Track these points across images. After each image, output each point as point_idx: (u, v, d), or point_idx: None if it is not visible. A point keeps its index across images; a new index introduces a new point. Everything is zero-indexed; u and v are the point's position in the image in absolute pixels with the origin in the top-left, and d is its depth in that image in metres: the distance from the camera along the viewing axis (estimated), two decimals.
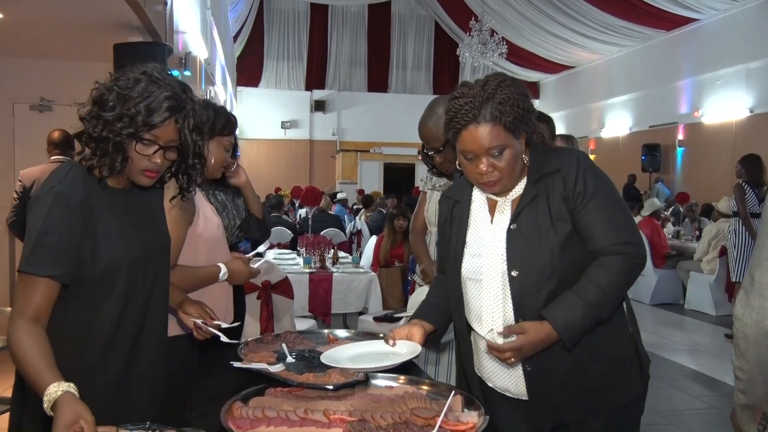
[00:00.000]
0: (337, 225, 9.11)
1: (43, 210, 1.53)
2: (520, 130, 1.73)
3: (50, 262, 1.53)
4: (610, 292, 1.71)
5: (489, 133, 1.69)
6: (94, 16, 4.84)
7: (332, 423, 1.63)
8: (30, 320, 1.52)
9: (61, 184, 1.57)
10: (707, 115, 12.18)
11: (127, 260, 1.65)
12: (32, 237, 1.53)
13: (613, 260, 1.71)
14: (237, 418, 1.66)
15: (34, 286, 1.53)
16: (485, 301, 1.81)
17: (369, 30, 19.94)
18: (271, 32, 19.39)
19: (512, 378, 1.83)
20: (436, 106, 2.55)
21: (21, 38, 5.69)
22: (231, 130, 2.44)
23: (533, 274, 1.73)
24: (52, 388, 1.41)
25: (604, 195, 1.75)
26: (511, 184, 1.80)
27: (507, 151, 1.72)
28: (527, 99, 1.75)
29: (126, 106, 1.57)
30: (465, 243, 1.87)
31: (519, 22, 15.37)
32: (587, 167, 1.77)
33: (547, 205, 1.75)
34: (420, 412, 1.67)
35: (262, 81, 19.44)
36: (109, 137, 1.57)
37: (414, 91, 19.71)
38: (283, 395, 1.84)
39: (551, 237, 1.73)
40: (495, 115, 1.68)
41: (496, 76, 1.75)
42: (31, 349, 1.49)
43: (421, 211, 3.20)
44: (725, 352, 6.36)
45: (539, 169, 1.78)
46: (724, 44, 11.65)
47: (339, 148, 19.27)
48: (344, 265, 6.12)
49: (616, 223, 1.74)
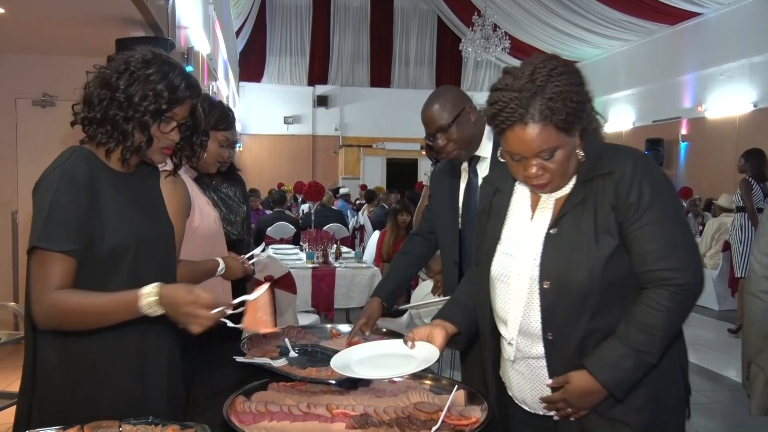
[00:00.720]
0: (340, 220, 9.11)
1: (51, 188, 1.53)
2: (575, 126, 1.51)
3: (64, 237, 1.51)
4: (661, 334, 1.50)
5: (538, 135, 1.48)
6: (96, 11, 4.83)
7: (335, 417, 1.63)
8: (59, 290, 1.50)
9: (66, 164, 1.57)
10: (711, 109, 12.14)
11: (134, 242, 1.64)
12: (43, 214, 1.51)
13: (660, 296, 1.49)
14: (240, 413, 1.66)
15: (51, 262, 1.51)
16: (512, 305, 1.64)
17: (371, 25, 19.90)
18: (273, 27, 19.36)
19: (533, 393, 1.66)
20: (440, 90, 2.50)
21: (23, 33, 5.68)
22: (227, 125, 2.44)
23: (566, 291, 1.54)
24: (143, 294, 1.47)
25: (662, 208, 1.51)
26: (564, 183, 1.60)
27: (559, 152, 1.51)
28: (582, 88, 1.53)
29: (149, 86, 1.59)
30: (499, 239, 1.70)
31: (522, 17, 15.32)
32: (646, 172, 1.52)
33: (593, 212, 1.54)
34: (423, 406, 1.67)
35: (265, 76, 19.41)
36: (134, 116, 1.59)
37: (416, 86, 19.67)
38: (285, 390, 1.84)
39: (592, 251, 1.52)
40: (545, 114, 1.46)
41: (545, 63, 1.51)
42: (85, 299, 1.50)
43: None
44: (728, 347, 6.35)
45: (590, 169, 1.56)
46: (728, 39, 11.60)
47: (342, 143, 19.25)
48: (347, 260, 6.12)
49: (670, 243, 1.50)
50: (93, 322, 1.52)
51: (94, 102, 1.61)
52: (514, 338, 1.63)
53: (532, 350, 1.62)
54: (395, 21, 20.09)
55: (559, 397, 1.55)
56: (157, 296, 1.48)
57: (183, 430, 1.44)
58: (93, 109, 1.61)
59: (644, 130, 14.01)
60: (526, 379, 1.66)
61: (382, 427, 1.56)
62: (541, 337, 1.58)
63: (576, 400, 1.54)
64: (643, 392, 1.56)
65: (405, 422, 1.58)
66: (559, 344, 1.56)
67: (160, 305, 1.48)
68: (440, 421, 1.52)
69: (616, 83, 14.99)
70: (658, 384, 1.58)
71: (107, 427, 1.44)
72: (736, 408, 4.52)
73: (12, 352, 4.76)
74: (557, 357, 1.57)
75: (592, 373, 1.50)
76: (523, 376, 1.67)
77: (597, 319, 1.53)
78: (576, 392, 1.53)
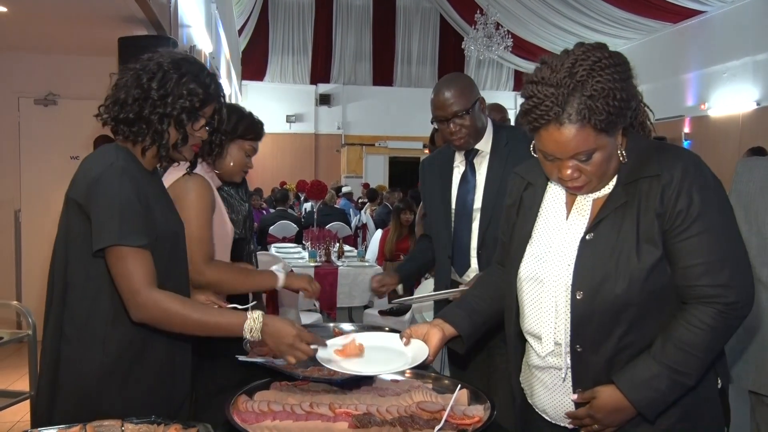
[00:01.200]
0: (343, 219, 9.10)
1: (115, 185, 1.56)
2: (617, 126, 1.39)
3: (141, 231, 1.57)
4: (701, 355, 1.39)
5: (575, 137, 1.36)
6: (98, 9, 4.83)
7: (338, 417, 1.63)
8: (155, 288, 1.56)
9: (118, 161, 1.60)
10: (714, 108, 12.10)
11: (168, 237, 1.70)
12: (115, 211, 1.53)
13: (703, 313, 1.38)
14: (242, 412, 1.65)
15: (133, 258, 1.55)
16: (542, 312, 1.54)
17: (374, 23, 19.86)
18: (275, 26, 19.34)
19: (555, 404, 1.58)
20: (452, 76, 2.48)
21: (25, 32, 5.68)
22: (255, 135, 2.44)
23: (601, 303, 1.42)
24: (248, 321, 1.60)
25: (712, 218, 1.38)
26: (602, 185, 1.48)
27: (597, 154, 1.39)
28: (629, 83, 1.40)
29: (184, 86, 1.65)
30: (530, 237, 1.59)
31: (524, 15, 15.28)
32: (696, 177, 1.40)
33: (636, 218, 1.42)
34: (426, 405, 1.67)
35: (267, 75, 19.40)
36: (171, 114, 1.65)
37: (419, 84, 19.63)
38: (288, 389, 1.84)
39: (633, 261, 1.40)
40: (583, 114, 1.34)
41: (588, 54, 1.37)
42: (194, 311, 1.57)
43: None
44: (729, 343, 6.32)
45: (634, 170, 1.44)
46: (731, 37, 11.56)
47: (344, 141, 19.23)
48: (349, 259, 6.12)
49: (719, 258, 1.38)
50: (191, 330, 1.60)
51: (128, 102, 1.64)
52: (548, 348, 1.53)
53: (557, 360, 1.53)
54: (398, 19, 20.06)
55: (585, 413, 1.48)
56: (261, 324, 1.62)
57: (185, 429, 1.44)
58: (125, 110, 1.64)
59: None
60: (548, 389, 1.58)
61: (385, 427, 1.56)
62: (569, 348, 1.49)
63: (603, 416, 1.45)
64: (675, 413, 1.46)
65: (408, 421, 1.57)
66: (588, 357, 1.47)
67: (261, 332, 1.62)
68: (443, 420, 1.51)
69: None
70: (693, 405, 1.48)
71: (110, 426, 1.44)
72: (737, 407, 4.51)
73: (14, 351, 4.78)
74: (584, 370, 1.49)
75: (623, 391, 1.42)
76: (545, 386, 1.59)
77: (631, 333, 1.44)
78: (603, 409, 1.44)
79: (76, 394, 1.62)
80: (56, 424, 1.48)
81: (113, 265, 1.56)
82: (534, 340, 1.59)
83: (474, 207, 2.44)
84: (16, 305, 3.21)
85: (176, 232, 1.76)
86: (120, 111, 1.65)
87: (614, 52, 1.41)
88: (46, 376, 1.66)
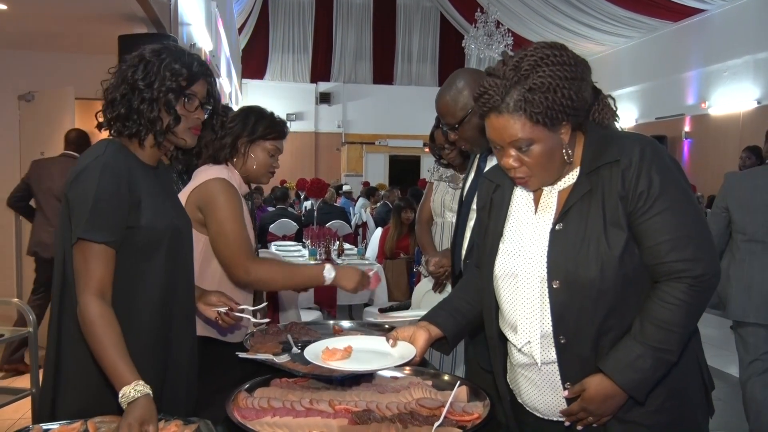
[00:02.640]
0: (343, 217, 9.10)
1: (93, 179, 1.56)
2: (559, 121, 1.43)
3: (108, 228, 1.55)
4: (680, 330, 1.42)
5: (510, 126, 1.43)
6: (98, 7, 4.84)
7: (337, 413, 1.63)
8: (98, 297, 1.53)
9: (104, 155, 1.61)
10: (714, 106, 12.12)
11: (168, 232, 1.70)
12: (87, 205, 1.54)
13: (676, 289, 1.41)
14: (242, 408, 1.66)
15: (94, 256, 1.54)
16: (520, 307, 1.55)
17: (374, 22, 19.88)
18: (276, 24, 19.35)
19: (545, 400, 1.58)
20: (457, 78, 2.39)
21: (25, 30, 5.69)
22: (277, 135, 2.39)
23: (578, 289, 1.45)
24: (132, 386, 1.44)
25: (673, 196, 1.42)
26: (548, 181, 1.53)
27: (535, 146, 1.44)
28: (576, 83, 1.43)
29: (165, 67, 1.66)
30: (502, 236, 1.62)
31: (524, 14, 15.30)
32: (654, 158, 1.43)
33: (601, 204, 1.45)
34: (425, 402, 1.67)
35: (267, 73, 19.41)
36: (158, 98, 1.65)
37: (419, 83, 19.66)
38: (288, 386, 1.85)
39: (602, 246, 1.43)
40: (519, 104, 1.41)
41: (536, 51, 1.44)
42: (105, 337, 1.50)
43: (427, 202, 3.19)
44: (731, 344, 6.32)
45: (596, 158, 1.47)
46: (732, 35, 11.58)
47: (344, 140, 19.25)
48: (349, 257, 6.12)
49: (683, 233, 1.41)
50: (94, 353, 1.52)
51: (117, 99, 1.66)
52: (528, 344, 1.55)
53: (543, 356, 1.53)
54: (398, 18, 20.07)
55: (578, 407, 1.48)
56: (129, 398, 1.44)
57: (186, 425, 1.44)
58: (116, 107, 1.66)
59: (647, 127, 13.99)
60: (536, 386, 1.58)
61: (385, 423, 1.56)
62: (553, 341, 1.50)
63: (596, 407, 1.46)
64: (662, 392, 1.49)
65: (407, 418, 1.58)
66: (572, 347, 1.48)
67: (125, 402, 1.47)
68: (442, 416, 1.52)
69: (620, 80, 14.96)
70: (677, 382, 1.51)
71: (110, 422, 1.44)
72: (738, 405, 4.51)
73: None
74: (571, 361, 1.50)
75: (609, 376, 1.43)
76: (534, 383, 1.59)
77: (612, 317, 1.46)
78: (595, 399, 1.45)
79: (78, 390, 1.63)
80: (59, 420, 1.49)
81: (74, 258, 1.56)
82: (511, 334, 1.60)
83: (473, 206, 2.43)
84: (17, 302, 3.22)
85: (178, 227, 1.75)
86: (112, 110, 1.66)
87: (570, 53, 1.46)
88: (48, 371, 1.67)
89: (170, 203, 1.78)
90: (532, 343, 1.54)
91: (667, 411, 1.50)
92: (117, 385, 1.45)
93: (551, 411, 1.58)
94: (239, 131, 2.30)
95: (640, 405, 1.48)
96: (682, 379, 1.52)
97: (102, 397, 1.60)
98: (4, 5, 4.89)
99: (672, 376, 1.49)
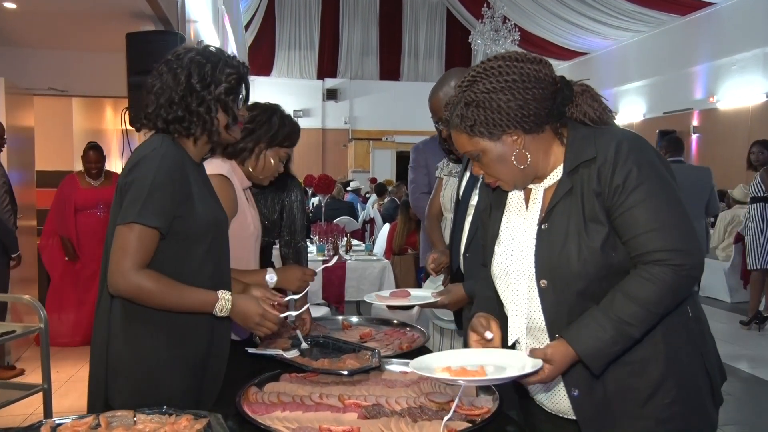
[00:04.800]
0: (350, 213, 9.11)
1: (152, 168, 1.65)
2: (501, 129, 1.46)
3: (160, 214, 1.64)
4: (650, 308, 1.41)
5: (458, 140, 1.54)
6: (106, 5, 4.85)
7: (347, 408, 1.64)
8: (142, 269, 1.63)
9: (162, 147, 1.70)
10: (723, 100, 12.04)
11: (213, 225, 1.79)
12: (144, 191, 1.62)
13: (658, 271, 1.40)
14: (252, 403, 1.67)
15: (145, 238, 1.63)
16: (511, 305, 1.58)
17: (380, 18, 19.84)
18: (282, 21, 19.34)
19: (549, 396, 1.59)
20: (450, 77, 2.44)
21: (33, 28, 5.71)
22: (291, 143, 2.43)
23: (564, 285, 1.47)
24: (220, 300, 1.70)
25: (651, 186, 1.42)
26: (519, 182, 1.56)
27: (483, 156, 1.51)
28: (519, 91, 1.44)
29: (221, 71, 1.77)
30: (497, 236, 1.64)
31: (531, 9, 15.22)
32: (630, 152, 1.43)
33: (580, 202, 1.47)
34: (435, 396, 1.68)
35: (274, 70, 19.41)
36: (219, 99, 1.76)
37: (426, 79, 19.59)
38: (298, 380, 1.86)
39: (583, 240, 1.45)
40: (458, 120, 1.50)
41: (478, 66, 1.51)
42: (169, 287, 1.65)
43: (437, 197, 3.19)
44: (740, 339, 6.33)
45: (576, 157, 1.49)
46: (741, 28, 11.49)
47: (351, 136, 19.24)
48: (357, 253, 6.13)
49: (665, 223, 1.41)
50: (168, 307, 1.66)
51: (175, 101, 1.73)
52: (520, 339, 1.57)
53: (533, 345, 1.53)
54: (404, 14, 20.02)
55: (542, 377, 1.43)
56: (230, 305, 1.72)
57: (196, 419, 1.45)
58: (174, 109, 1.73)
59: (655, 121, 13.92)
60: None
61: (394, 417, 1.57)
62: (548, 338, 1.51)
63: (554, 374, 1.44)
64: (673, 384, 1.49)
65: (417, 412, 1.58)
66: None
67: (231, 312, 1.72)
68: (452, 411, 1.52)
69: (627, 75, 14.88)
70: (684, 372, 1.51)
71: (122, 416, 1.46)
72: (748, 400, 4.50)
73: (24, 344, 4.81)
74: None
75: (572, 345, 1.41)
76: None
77: None
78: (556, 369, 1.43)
79: (130, 377, 1.70)
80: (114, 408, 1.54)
81: (121, 238, 1.63)
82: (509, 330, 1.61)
83: (470, 203, 2.42)
84: (28, 299, 3.24)
85: (220, 220, 1.84)
86: (169, 112, 1.73)
87: (519, 61, 1.47)
88: (98, 360, 1.74)
89: (212, 198, 1.86)
90: (520, 340, 1.57)
91: (680, 402, 1.50)
92: (209, 310, 1.69)
93: (556, 407, 1.59)
94: (261, 135, 2.32)
95: (653, 399, 1.48)
96: (683, 369, 1.51)
97: (154, 384, 1.69)
98: (13, 3, 4.91)
99: (678, 367, 1.49)
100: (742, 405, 4.54)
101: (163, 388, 1.69)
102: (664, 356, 1.48)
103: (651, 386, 1.48)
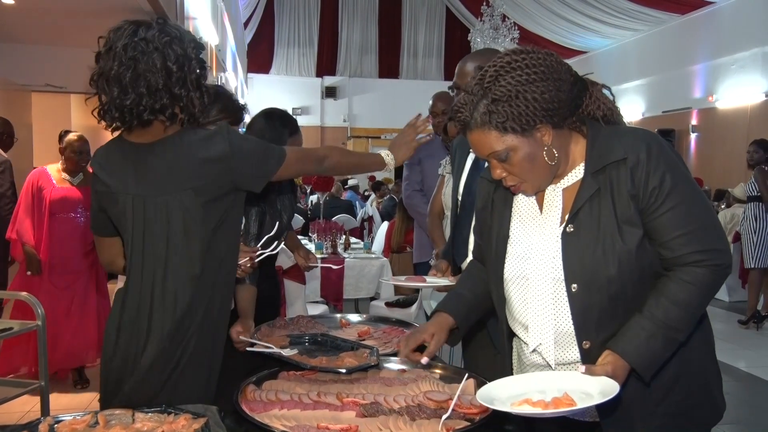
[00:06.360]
0: (349, 211, 9.11)
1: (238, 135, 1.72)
2: (531, 124, 1.41)
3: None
4: (693, 311, 1.42)
5: (483, 140, 1.44)
6: (104, 1, 4.84)
7: (345, 406, 1.63)
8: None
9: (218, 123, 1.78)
10: (722, 99, 12.04)
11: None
12: (260, 143, 1.77)
13: (697, 273, 1.40)
14: (250, 401, 1.66)
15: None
16: (531, 309, 1.53)
17: (380, 16, 19.84)
18: (281, 18, 19.33)
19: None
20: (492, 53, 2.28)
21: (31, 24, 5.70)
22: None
23: (597, 289, 1.44)
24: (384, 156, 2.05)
25: (684, 190, 1.42)
26: (543, 183, 1.51)
27: (513, 154, 1.44)
28: (543, 83, 1.41)
29: (187, 47, 1.66)
30: (508, 237, 1.59)
31: (531, 7, 15.24)
32: (661, 154, 1.42)
33: (611, 204, 1.44)
34: (433, 395, 1.67)
35: (273, 67, 19.41)
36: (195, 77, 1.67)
37: (425, 77, 19.62)
38: (296, 378, 1.85)
39: (618, 245, 1.42)
40: (484, 118, 1.42)
41: (497, 60, 1.45)
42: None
43: (438, 195, 3.19)
44: (738, 339, 6.34)
45: (601, 157, 1.45)
46: (740, 27, 11.49)
47: (350, 134, 19.24)
48: (356, 251, 6.13)
49: (699, 226, 1.42)
50: None
51: (158, 86, 1.61)
52: (543, 344, 1.52)
53: (558, 357, 1.51)
54: (404, 12, 20.03)
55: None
56: None
57: (195, 419, 1.44)
58: (159, 97, 1.62)
59: (654, 120, 13.93)
60: None
61: (392, 416, 1.56)
62: (576, 344, 1.48)
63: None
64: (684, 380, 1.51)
65: (415, 410, 1.58)
66: (597, 350, 1.45)
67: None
68: (450, 409, 1.52)
69: (626, 74, 14.90)
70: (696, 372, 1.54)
71: (121, 415, 1.45)
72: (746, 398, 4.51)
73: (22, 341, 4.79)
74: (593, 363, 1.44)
75: (626, 359, 1.38)
76: None
77: (632, 314, 1.44)
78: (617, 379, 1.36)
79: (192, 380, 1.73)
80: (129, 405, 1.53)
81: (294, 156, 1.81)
82: (523, 334, 1.58)
83: None
84: (26, 296, 3.23)
85: None
86: (155, 101, 1.61)
87: (537, 54, 1.45)
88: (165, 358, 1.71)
89: None
90: (544, 344, 1.52)
91: (693, 395, 1.52)
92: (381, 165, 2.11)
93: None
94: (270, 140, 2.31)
95: (667, 398, 1.49)
96: (699, 361, 1.54)
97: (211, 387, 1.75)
98: None
99: (690, 366, 1.51)
100: (740, 404, 4.54)
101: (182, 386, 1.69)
102: (678, 355, 1.48)
103: (665, 386, 1.49)
